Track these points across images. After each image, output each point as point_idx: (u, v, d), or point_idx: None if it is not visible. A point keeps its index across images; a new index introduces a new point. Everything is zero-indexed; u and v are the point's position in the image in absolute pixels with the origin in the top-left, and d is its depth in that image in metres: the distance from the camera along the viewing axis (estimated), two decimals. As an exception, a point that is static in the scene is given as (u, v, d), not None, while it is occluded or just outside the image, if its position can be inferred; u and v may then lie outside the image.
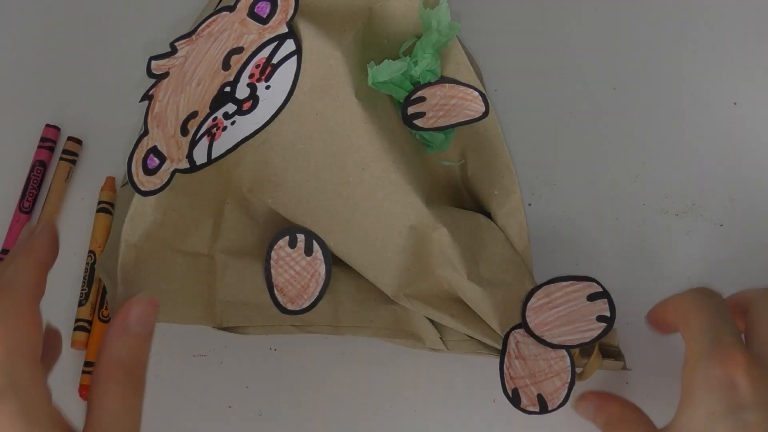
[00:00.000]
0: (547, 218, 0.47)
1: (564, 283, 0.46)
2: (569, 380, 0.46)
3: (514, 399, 0.46)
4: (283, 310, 0.47)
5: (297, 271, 0.47)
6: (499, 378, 0.46)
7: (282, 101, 0.45)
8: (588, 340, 0.46)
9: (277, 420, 0.51)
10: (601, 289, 0.46)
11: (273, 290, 0.47)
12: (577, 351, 0.46)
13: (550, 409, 0.46)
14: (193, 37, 0.44)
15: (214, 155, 0.46)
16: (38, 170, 0.55)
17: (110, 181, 0.54)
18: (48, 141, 0.55)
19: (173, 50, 0.44)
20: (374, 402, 0.51)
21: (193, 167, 0.45)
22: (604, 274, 0.48)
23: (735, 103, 0.57)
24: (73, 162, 0.55)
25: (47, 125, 0.56)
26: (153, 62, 0.44)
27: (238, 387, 0.51)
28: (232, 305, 0.47)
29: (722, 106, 0.57)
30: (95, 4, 0.59)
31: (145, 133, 0.44)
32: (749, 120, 0.56)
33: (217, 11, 0.44)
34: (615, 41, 0.58)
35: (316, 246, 0.47)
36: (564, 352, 0.46)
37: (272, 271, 0.47)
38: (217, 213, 0.47)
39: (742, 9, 0.59)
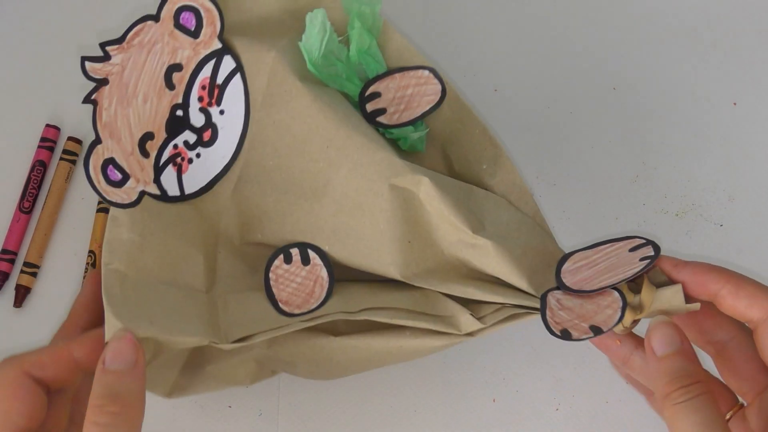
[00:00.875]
0: (548, 218, 0.47)
1: (603, 246, 0.43)
2: (622, 305, 0.41)
3: (565, 335, 0.42)
4: (291, 315, 0.45)
5: (299, 282, 0.45)
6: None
7: (241, 128, 0.45)
8: (630, 275, 0.41)
9: (277, 420, 0.51)
10: (644, 241, 0.42)
11: (278, 305, 0.45)
12: (624, 284, 0.42)
13: (605, 330, 0.41)
14: (124, 44, 0.44)
15: (187, 191, 0.46)
16: (38, 170, 0.55)
17: (110, 181, 0.54)
18: (48, 141, 0.55)
19: (106, 55, 0.44)
20: (374, 402, 0.51)
21: (165, 196, 0.45)
22: (604, 274, 0.48)
23: (735, 103, 0.57)
24: (73, 162, 0.55)
25: (47, 125, 0.56)
26: (87, 64, 0.43)
27: (238, 387, 0.51)
28: (238, 326, 0.45)
29: (722, 106, 0.57)
30: (95, 4, 0.59)
31: (98, 141, 0.44)
32: (749, 120, 0.56)
33: (142, 19, 0.44)
34: (615, 41, 0.58)
35: (312, 254, 0.45)
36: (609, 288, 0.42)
37: (273, 290, 0.45)
38: (207, 254, 0.46)
39: (743, 9, 0.59)
